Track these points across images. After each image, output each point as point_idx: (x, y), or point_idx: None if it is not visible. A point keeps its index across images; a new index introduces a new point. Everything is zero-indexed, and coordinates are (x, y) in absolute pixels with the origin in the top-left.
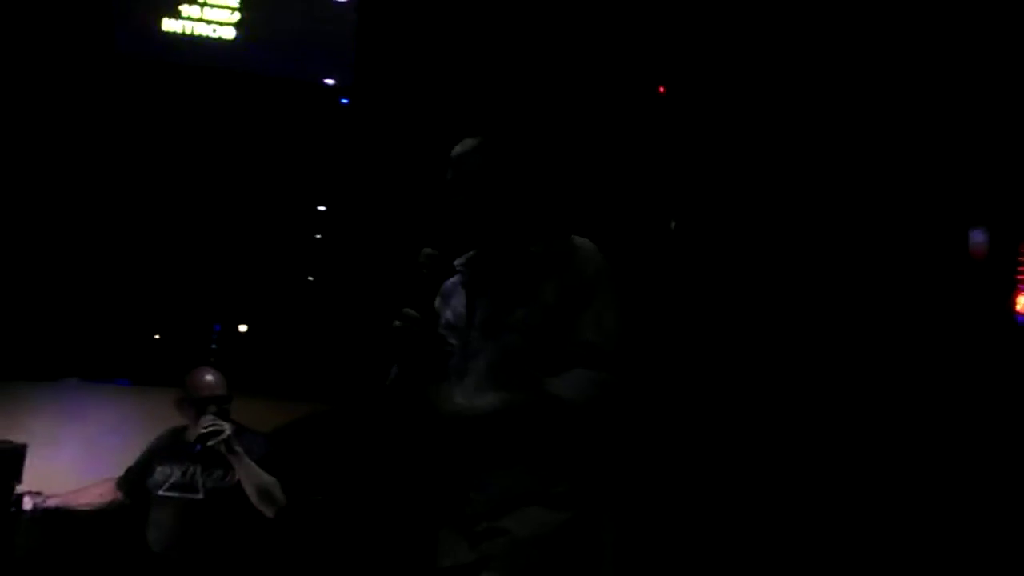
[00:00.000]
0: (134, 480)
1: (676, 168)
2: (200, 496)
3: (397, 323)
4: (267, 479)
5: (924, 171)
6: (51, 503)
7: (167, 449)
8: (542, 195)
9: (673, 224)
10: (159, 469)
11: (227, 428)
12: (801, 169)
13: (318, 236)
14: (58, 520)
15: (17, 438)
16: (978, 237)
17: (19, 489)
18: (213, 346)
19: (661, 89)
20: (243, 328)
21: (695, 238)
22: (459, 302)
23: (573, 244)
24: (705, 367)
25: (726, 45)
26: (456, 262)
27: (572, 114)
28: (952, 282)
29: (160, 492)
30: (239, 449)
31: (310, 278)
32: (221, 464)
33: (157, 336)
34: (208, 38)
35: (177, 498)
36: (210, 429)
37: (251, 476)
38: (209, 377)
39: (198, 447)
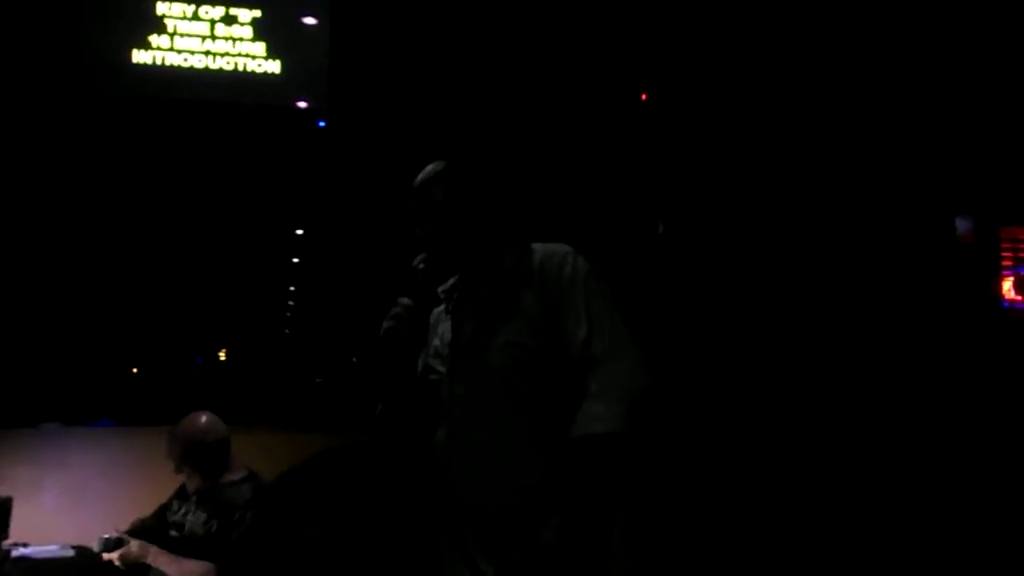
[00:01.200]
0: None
1: (662, 172)
2: (181, 535)
3: (389, 321)
4: (196, 571)
5: (907, 160)
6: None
7: (183, 487)
8: (510, 211)
9: (661, 227)
10: (173, 505)
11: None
12: (786, 164)
13: (296, 260)
14: (49, 573)
15: (2, 489)
16: (962, 224)
17: (5, 544)
18: (195, 377)
19: (643, 96)
20: (223, 356)
21: (683, 240)
22: (445, 328)
23: (547, 249)
24: (695, 368)
25: (707, 48)
26: (439, 289)
27: (556, 124)
28: (938, 268)
29: (170, 534)
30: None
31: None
32: (208, 509)
33: (135, 371)
34: (179, 68)
35: (172, 535)
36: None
37: (179, 572)
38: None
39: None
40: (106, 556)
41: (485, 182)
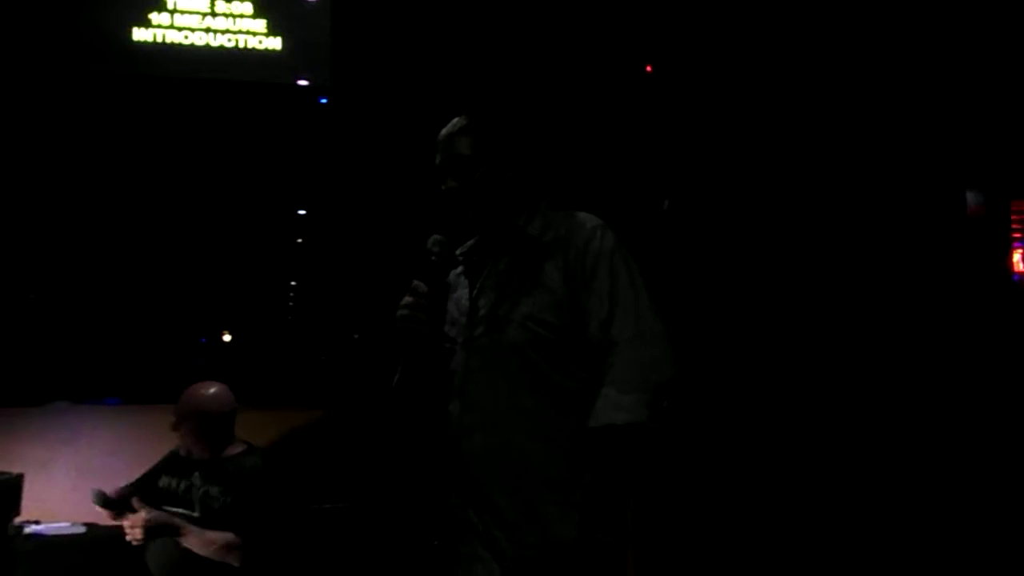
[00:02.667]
0: (144, 488)
1: (667, 147)
2: (196, 513)
3: (403, 310)
4: (219, 540)
5: (917, 134)
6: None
7: (175, 461)
8: (536, 172)
9: (666, 203)
10: (163, 479)
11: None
12: (795, 138)
13: (299, 240)
14: (60, 550)
15: (10, 467)
16: (973, 197)
17: (17, 521)
18: (200, 359)
19: (648, 68)
20: (227, 338)
21: (689, 217)
22: (462, 294)
23: (575, 219)
24: (702, 351)
25: (713, 19)
26: (458, 251)
27: (559, 97)
28: (949, 242)
29: (162, 505)
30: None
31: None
32: (220, 483)
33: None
34: (179, 45)
35: (176, 512)
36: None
37: (202, 543)
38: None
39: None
40: (127, 525)
41: (513, 135)
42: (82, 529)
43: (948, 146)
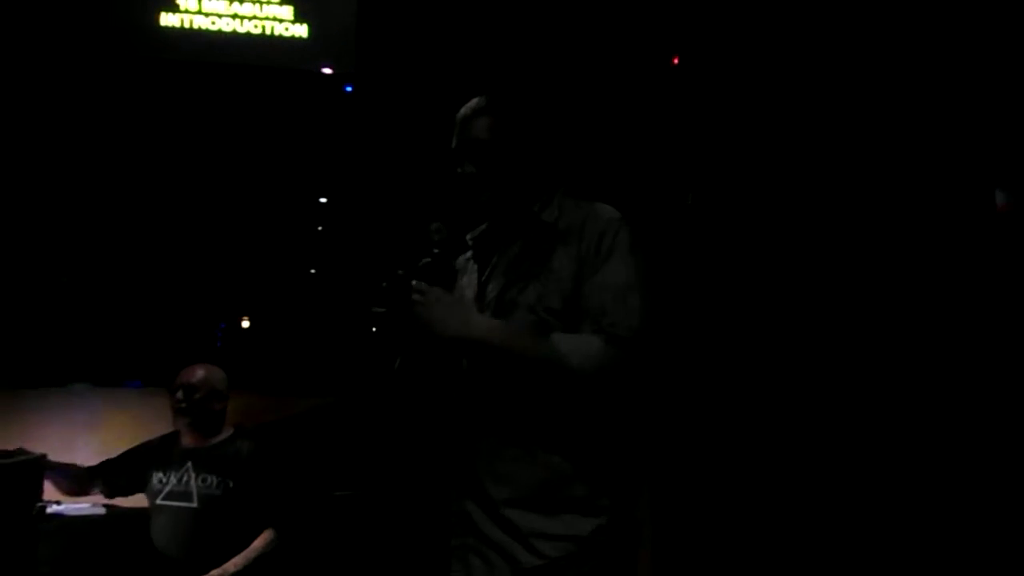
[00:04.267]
0: (112, 475)
1: (693, 140)
2: (195, 505)
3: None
4: (260, 547)
5: (945, 130)
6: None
7: (161, 454)
8: (554, 158)
9: (690, 198)
10: (155, 476)
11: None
12: (822, 134)
13: (320, 228)
14: (81, 530)
15: (32, 447)
16: (1001, 195)
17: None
18: (218, 344)
19: (675, 60)
20: (246, 324)
21: (713, 212)
22: (471, 280)
23: (592, 209)
24: (724, 347)
25: (741, 15)
26: (468, 236)
27: (583, 85)
28: (977, 239)
29: (158, 501)
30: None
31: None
32: (215, 470)
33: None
34: (207, 31)
35: (174, 507)
36: None
37: (247, 560)
38: (193, 370)
39: None
40: None
41: (533, 120)
42: (102, 510)
43: (976, 143)
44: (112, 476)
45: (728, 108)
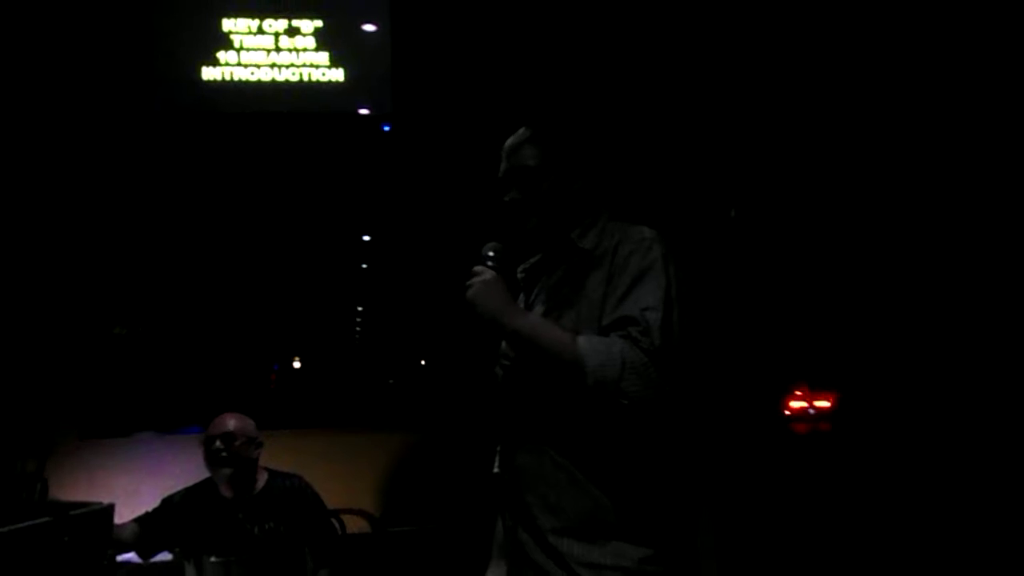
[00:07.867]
0: (153, 532)
1: (735, 156)
2: (252, 554)
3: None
4: None
5: (982, 147)
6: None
7: (202, 510)
8: (599, 183)
9: (733, 212)
10: (209, 532)
11: None
12: (861, 149)
13: (364, 266)
14: None
15: (100, 497)
16: None
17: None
18: (272, 386)
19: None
20: (297, 364)
21: (756, 227)
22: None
23: (629, 231)
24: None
25: (783, 26)
26: (520, 268)
27: (624, 108)
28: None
29: (213, 559)
30: None
31: (359, 308)
32: (266, 517)
33: (221, 380)
34: (247, 82)
35: (233, 560)
36: None
37: None
38: (224, 419)
39: None
40: None
41: (579, 146)
42: (169, 557)
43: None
44: (152, 536)
45: (770, 124)
